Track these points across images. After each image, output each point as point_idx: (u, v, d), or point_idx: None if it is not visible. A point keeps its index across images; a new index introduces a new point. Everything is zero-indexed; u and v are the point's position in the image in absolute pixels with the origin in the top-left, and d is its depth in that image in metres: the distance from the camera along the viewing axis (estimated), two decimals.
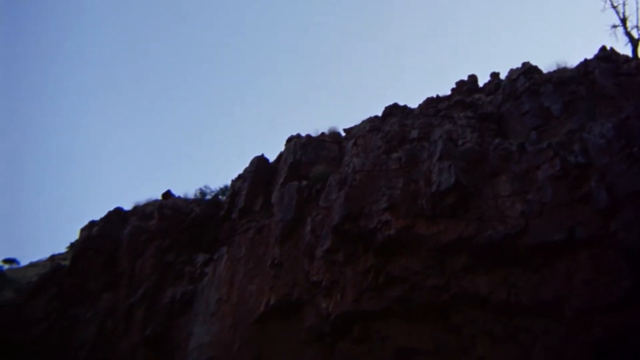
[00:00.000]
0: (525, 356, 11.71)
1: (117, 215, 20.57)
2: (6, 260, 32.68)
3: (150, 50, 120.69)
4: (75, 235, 24.59)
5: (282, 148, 18.23)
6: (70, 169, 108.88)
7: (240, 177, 18.89)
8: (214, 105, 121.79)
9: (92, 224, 20.84)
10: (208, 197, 20.90)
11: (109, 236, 19.97)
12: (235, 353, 15.75)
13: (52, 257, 29.89)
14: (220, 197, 20.53)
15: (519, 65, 16.42)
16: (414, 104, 16.34)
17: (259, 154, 18.59)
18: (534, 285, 11.63)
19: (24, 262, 34.86)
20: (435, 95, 15.70)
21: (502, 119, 14.97)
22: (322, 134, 17.48)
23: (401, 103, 16.12)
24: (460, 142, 12.69)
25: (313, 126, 33.23)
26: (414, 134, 13.83)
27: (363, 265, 13.61)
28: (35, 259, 34.73)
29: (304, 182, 15.37)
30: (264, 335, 15.42)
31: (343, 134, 17.61)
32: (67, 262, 21.83)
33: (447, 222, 12.18)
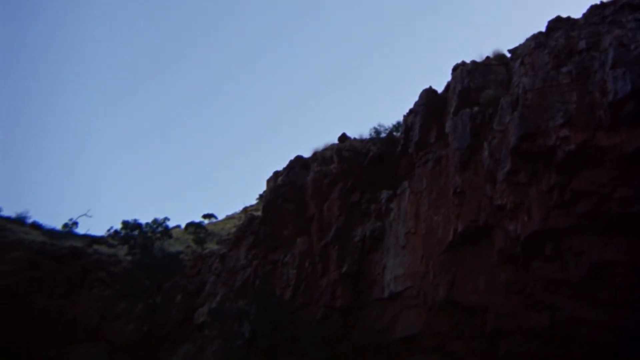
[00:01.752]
0: None
1: (298, 163, 26.93)
2: (205, 216, 43.39)
3: None
4: (263, 187, 32.04)
5: (449, 77, 22.22)
6: (253, 121, 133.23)
7: (411, 111, 23.47)
8: (378, 47, 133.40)
9: (276, 174, 27.63)
10: (383, 135, 25.92)
11: (294, 183, 26.51)
12: (430, 282, 20.81)
13: (245, 209, 38.92)
14: (394, 133, 25.40)
15: None
16: (577, 14, 18.59)
17: (427, 86, 22.94)
18: None
19: (220, 216, 45.63)
20: (599, 2, 17.72)
21: None
22: (487, 57, 20.88)
23: (564, 15, 18.50)
24: (632, 47, 15.08)
25: (477, 51, 36.17)
26: (582, 44, 16.39)
27: (546, 184, 17.15)
28: (230, 212, 45.22)
29: (476, 108, 19.27)
30: (456, 262, 20.10)
31: (508, 55, 20.74)
32: (259, 212, 29.22)
33: (628, 131, 15.04)
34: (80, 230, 45.74)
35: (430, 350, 20.96)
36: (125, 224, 34.01)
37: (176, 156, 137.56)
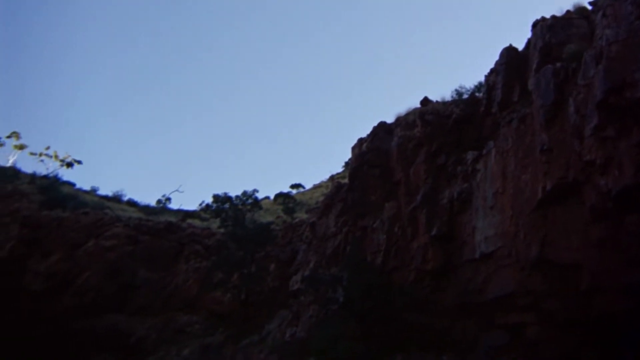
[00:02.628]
0: None
1: (382, 129, 28.36)
2: (293, 186, 46.06)
3: None
4: (348, 154, 33.82)
5: (529, 34, 22.75)
6: (337, 90, 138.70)
7: (492, 71, 24.23)
8: (456, 8, 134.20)
9: (361, 141, 29.23)
10: (465, 96, 26.77)
11: (378, 149, 28.02)
12: (521, 241, 21.82)
13: (332, 177, 41.09)
14: (476, 94, 26.20)
15: None
16: None
17: (507, 44, 23.53)
18: None
19: (308, 185, 48.27)
20: None
21: None
22: (568, 11, 21.24)
23: None
24: None
25: (556, 6, 35.61)
26: None
27: (636, 137, 17.70)
28: (317, 181, 47.82)
29: (558, 64, 19.85)
30: (547, 220, 21.00)
31: (589, 7, 20.98)
32: (345, 180, 30.99)
33: None
34: (174, 205, 49.80)
35: (525, 308, 22.03)
36: (216, 197, 36.66)
37: (262, 128, 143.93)
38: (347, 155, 35.44)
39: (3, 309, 40.42)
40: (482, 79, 26.00)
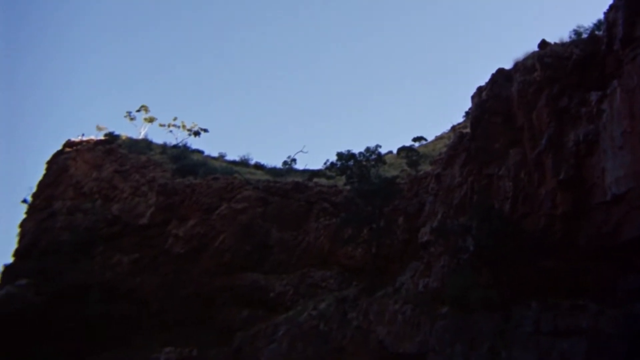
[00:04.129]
0: None
1: (500, 75, 29.39)
2: (416, 139, 48.02)
3: None
4: (468, 104, 35.13)
5: None
6: (454, 38, 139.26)
7: (612, 7, 24.39)
8: None
9: (480, 89, 30.43)
10: (584, 36, 27.08)
11: (499, 96, 29.13)
12: None
13: (453, 128, 42.60)
14: (596, 32, 26.43)
15: None
16: None
17: None
18: None
19: (430, 137, 50.15)
20: None
21: None
22: None
23: None
24: None
25: None
26: None
27: None
28: (438, 132, 49.62)
29: None
30: None
31: None
32: (467, 129, 32.40)
33: None
34: (299, 166, 53.33)
35: None
36: (340, 155, 39.08)
37: (381, 84, 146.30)
38: (467, 104, 36.71)
39: (150, 272, 46.09)
40: (602, 16, 26.10)
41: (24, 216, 58.96)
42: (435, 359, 28.09)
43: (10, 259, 52.81)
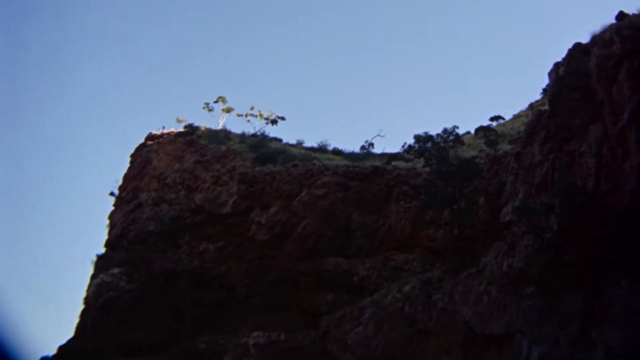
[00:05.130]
0: None
1: (578, 50, 29.58)
2: (493, 118, 48.51)
3: None
4: (544, 81, 35.36)
5: None
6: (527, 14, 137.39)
7: None
8: None
9: (557, 65, 30.73)
10: None
11: (576, 72, 29.38)
12: None
13: (531, 105, 42.86)
14: None
15: None
16: None
17: None
18: None
19: (507, 116, 50.55)
20: None
21: None
22: None
23: None
24: None
25: None
26: None
27: None
28: (516, 111, 49.99)
29: None
30: None
31: None
32: (545, 107, 32.78)
33: None
34: (377, 150, 54.59)
35: None
36: (418, 137, 40.05)
37: (455, 64, 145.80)
38: (544, 81, 36.82)
39: (236, 259, 48.66)
40: None
41: (112, 208, 63.03)
42: (523, 340, 28.83)
43: (101, 250, 56.76)
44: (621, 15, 28.64)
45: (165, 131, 65.35)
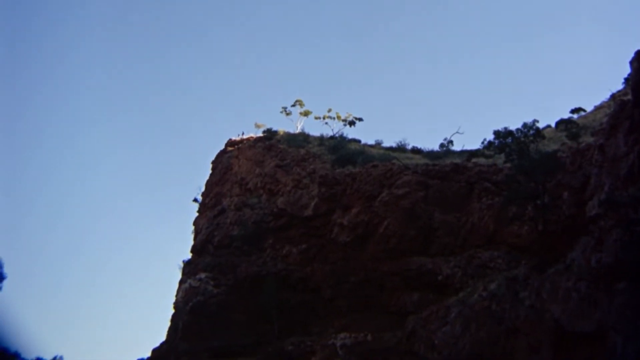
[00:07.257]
0: None
1: None
2: (574, 110, 48.09)
3: None
4: (626, 70, 34.78)
5: None
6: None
7: None
8: None
9: (639, 52, 30.38)
10: None
11: None
12: None
13: (613, 96, 42.22)
14: None
15: None
16: None
17: None
18: None
19: (588, 108, 49.93)
20: None
21: None
22: None
23: None
24: None
25: None
26: None
27: None
28: (597, 102, 49.30)
29: None
30: None
31: None
32: (628, 97, 32.44)
33: None
34: (456, 147, 54.81)
35: None
36: (498, 133, 39.91)
37: (533, 56, 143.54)
38: (626, 70, 36.10)
39: (320, 261, 49.90)
40: None
41: (196, 214, 65.66)
42: (617, 338, 28.55)
43: (187, 256, 59.30)
44: None
45: (244, 137, 67.50)
